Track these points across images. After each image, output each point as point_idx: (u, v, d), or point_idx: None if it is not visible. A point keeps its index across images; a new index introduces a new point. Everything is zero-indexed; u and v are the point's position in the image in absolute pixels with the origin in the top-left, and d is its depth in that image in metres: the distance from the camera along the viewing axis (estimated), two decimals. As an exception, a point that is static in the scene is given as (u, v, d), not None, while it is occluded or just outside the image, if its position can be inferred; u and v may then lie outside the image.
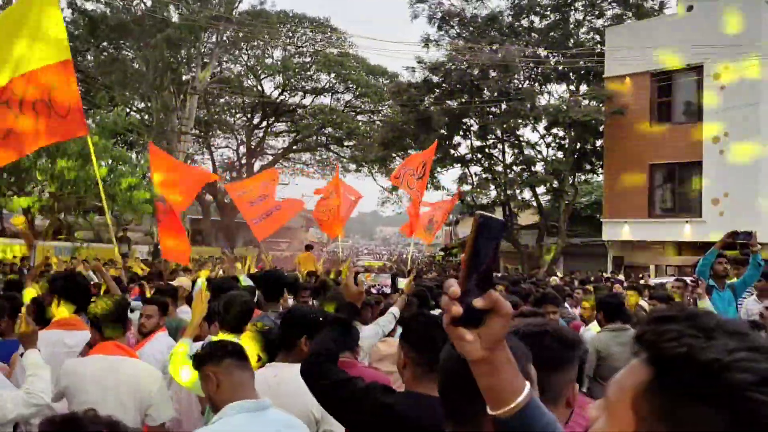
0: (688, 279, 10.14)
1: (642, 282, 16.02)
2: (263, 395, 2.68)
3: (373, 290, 9.36)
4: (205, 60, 32.97)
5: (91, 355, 3.49)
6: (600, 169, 28.58)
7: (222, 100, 41.44)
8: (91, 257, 18.39)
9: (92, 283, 8.16)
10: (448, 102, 28.56)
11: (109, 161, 18.83)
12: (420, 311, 3.15)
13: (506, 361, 1.09)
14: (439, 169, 29.39)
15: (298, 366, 2.69)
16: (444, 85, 28.82)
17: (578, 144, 27.34)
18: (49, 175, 16.84)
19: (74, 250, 18.28)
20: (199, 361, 2.70)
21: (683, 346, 0.79)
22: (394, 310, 5.08)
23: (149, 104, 32.68)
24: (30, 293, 5.43)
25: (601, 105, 25.49)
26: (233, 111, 42.35)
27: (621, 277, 20.37)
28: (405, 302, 5.26)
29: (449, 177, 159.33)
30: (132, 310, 4.38)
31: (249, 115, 42.81)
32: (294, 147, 44.01)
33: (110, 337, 3.51)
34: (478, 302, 1.05)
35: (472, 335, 1.05)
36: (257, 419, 2.49)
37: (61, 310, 4.20)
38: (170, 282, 8.28)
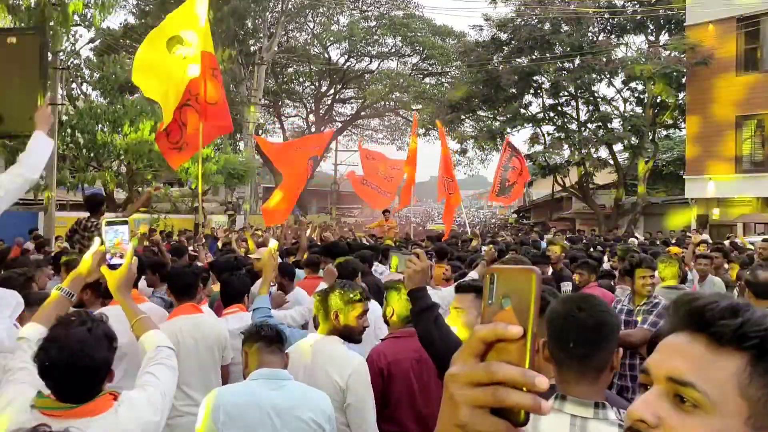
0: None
1: (728, 242, 15.14)
2: (299, 365, 3.02)
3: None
4: (271, 30, 33.06)
5: (175, 316, 4.00)
6: (682, 123, 27.13)
7: (290, 70, 41.62)
8: (168, 228, 18.95)
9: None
10: (518, 60, 27.62)
11: (181, 134, 19.17)
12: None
13: None
14: (509, 129, 28.58)
15: (331, 338, 3.20)
16: (513, 42, 27.86)
17: (658, 98, 25.96)
18: (123, 149, 17.32)
19: (152, 222, 18.84)
20: (242, 339, 2.93)
21: None
22: (473, 274, 5.28)
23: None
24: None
25: (683, 55, 24.04)
26: (301, 80, 42.48)
27: (706, 236, 19.38)
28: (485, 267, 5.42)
29: (520, 137, 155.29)
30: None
31: (317, 83, 42.88)
32: (362, 113, 43.88)
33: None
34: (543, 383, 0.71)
35: None
36: (270, 385, 2.67)
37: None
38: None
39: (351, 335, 3.24)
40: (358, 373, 3.06)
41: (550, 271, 7.10)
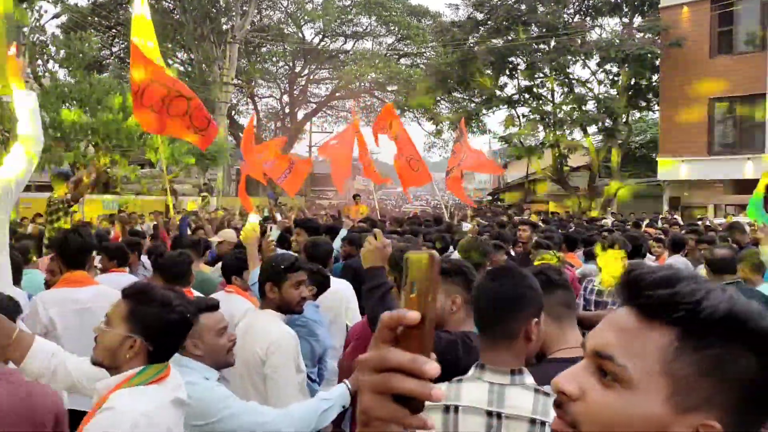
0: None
1: (700, 223, 15.27)
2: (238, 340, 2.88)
3: None
4: (244, 8, 32.43)
5: None
6: (655, 105, 27.28)
7: (264, 49, 40.97)
8: (138, 210, 18.56)
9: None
10: (494, 40, 27.47)
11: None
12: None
13: None
14: (484, 111, 28.48)
15: (264, 312, 3.23)
16: (489, 22, 27.69)
17: (632, 80, 26.03)
18: (90, 129, 16.85)
19: (122, 203, 18.45)
20: None
21: (713, 302, 0.79)
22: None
23: (191, 55, 32.52)
24: None
25: (657, 37, 24.09)
26: (275, 60, 41.86)
27: (677, 217, 19.56)
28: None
29: (495, 119, 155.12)
30: None
31: (291, 64, 42.31)
32: (337, 94, 43.44)
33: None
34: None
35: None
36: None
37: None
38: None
39: (289, 307, 3.22)
40: (278, 344, 3.05)
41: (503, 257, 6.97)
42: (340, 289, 4.73)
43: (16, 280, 4.25)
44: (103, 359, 2.10)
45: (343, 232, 7.53)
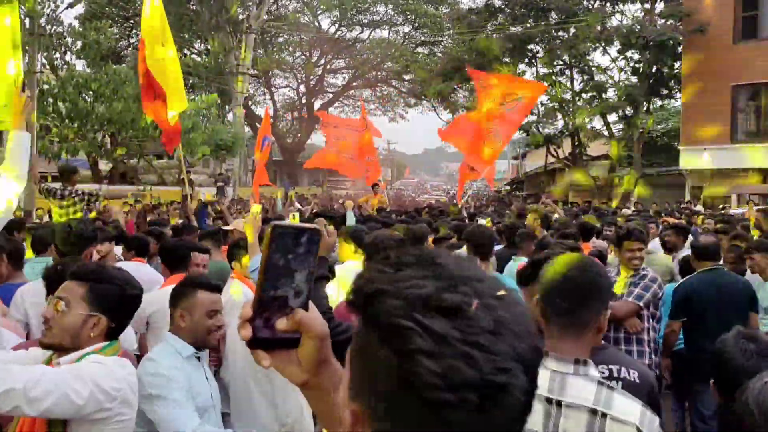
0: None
1: (723, 213, 14.95)
2: None
3: None
4: (260, -3, 32.28)
5: (165, 286, 4.10)
6: (677, 93, 26.76)
7: (280, 39, 40.86)
8: (155, 200, 18.57)
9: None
10: (512, 28, 27.09)
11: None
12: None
13: (339, 381, 0.92)
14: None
15: None
16: (506, 9, 27.29)
17: (654, 67, 25.53)
18: (106, 119, 16.87)
19: (138, 194, 18.49)
20: None
21: (372, 283, 0.76)
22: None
23: (207, 45, 32.48)
24: None
25: (679, 23, 23.59)
26: (291, 49, 41.73)
27: (700, 207, 19.18)
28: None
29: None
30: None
31: (307, 53, 42.16)
32: (354, 84, 43.25)
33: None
34: (280, 324, 0.94)
35: (269, 360, 0.96)
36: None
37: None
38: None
39: None
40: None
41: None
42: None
43: (20, 269, 4.23)
44: (61, 341, 2.12)
45: (350, 217, 7.43)
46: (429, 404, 0.68)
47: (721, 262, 5.22)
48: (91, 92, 18.22)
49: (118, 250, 6.24)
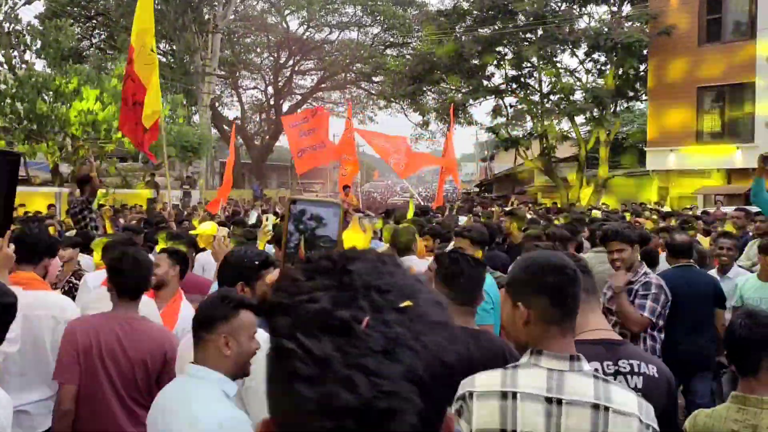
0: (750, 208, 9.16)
1: (690, 213, 15.05)
2: None
3: None
4: (226, -3, 31.83)
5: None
6: (643, 95, 27.05)
7: (248, 40, 40.37)
8: (117, 203, 18.07)
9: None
10: (480, 30, 27.09)
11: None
12: (453, 249, 3.10)
13: None
14: (471, 101, 28.10)
15: None
16: (475, 11, 27.29)
17: (620, 69, 25.77)
18: (66, 120, 16.32)
19: (100, 197, 17.94)
20: None
21: (276, 294, 0.72)
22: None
23: (172, 45, 31.91)
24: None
25: (645, 26, 23.84)
26: (259, 50, 41.25)
27: (667, 208, 19.34)
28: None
29: (482, 109, 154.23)
30: None
31: (275, 54, 41.73)
32: (322, 85, 42.93)
33: None
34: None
35: None
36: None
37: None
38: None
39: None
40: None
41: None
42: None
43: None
44: None
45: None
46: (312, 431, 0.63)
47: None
48: (51, 93, 17.66)
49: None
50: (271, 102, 42.89)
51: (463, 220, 8.20)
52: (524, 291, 1.94)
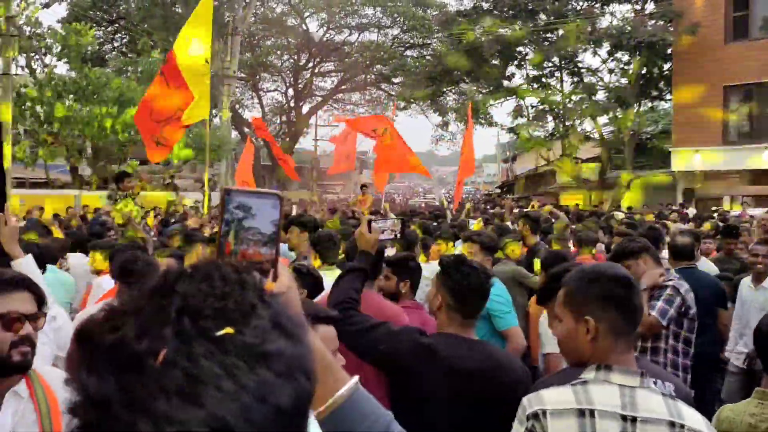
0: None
1: (716, 215, 14.65)
2: None
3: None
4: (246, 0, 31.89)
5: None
6: (667, 94, 26.54)
7: (268, 42, 40.42)
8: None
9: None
10: (501, 30, 26.79)
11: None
12: (461, 259, 2.86)
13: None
14: (491, 102, 27.81)
15: None
16: (495, 11, 27.00)
17: (644, 69, 25.31)
18: (85, 122, 16.36)
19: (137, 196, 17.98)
20: None
21: (90, 320, 0.64)
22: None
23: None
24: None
25: (669, 24, 23.37)
26: (279, 52, 41.28)
27: (691, 210, 18.92)
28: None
29: (503, 110, 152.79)
30: None
31: (295, 56, 41.73)
32: (343, 87, 42.85)
33: None
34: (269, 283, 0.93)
35: None
36: None
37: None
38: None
39: None
40: None
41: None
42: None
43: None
44: None
45: None
46: None
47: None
48: (70, 96, 17.75)
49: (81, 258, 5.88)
50: (292, 104, 42.90)
51: (473, 223, 7.98)
52: (591, 304, 1.91)
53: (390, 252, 3.91)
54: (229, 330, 0.54)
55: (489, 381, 2.41)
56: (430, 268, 4.78)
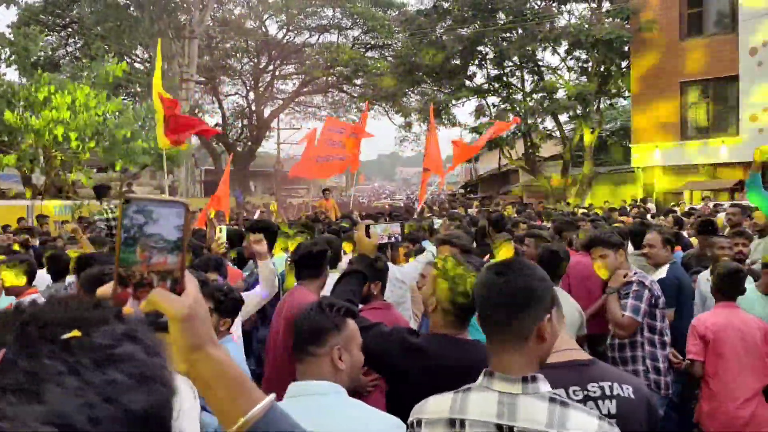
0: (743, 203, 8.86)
1: (678, 209, 14.80)
2: None
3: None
4: (203, 2, 31.38)
5: None
6: (626, 92, 26.88)
7: (227, 45, 39.87)
8: (92, 215, 17.52)
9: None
10: (461, 30, 26.81)
11: (102, 113, 17.67)
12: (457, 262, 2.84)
13: (218, 375, 0.96)
14: (454, 102, 27.80)
15: None
16: (455, 10, 27.01)
17: (602, 66, 25.58)
18: (36, 130, 15.77)
19: (75, 208, 17.39)
20: None
21: None
22: (433, 249, 5.26)
23: (148, 52, 31.40)
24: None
25: (626, 22, 23.65)
26: (238, 55, 40.76)
27: (651, 205, 19.12)
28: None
29: (465, 110, 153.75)
30: None
31: (255, 59, 41.26)
32: (304, 89, 42.51)
33: None
34: (127, 308, 0.85)
35: None
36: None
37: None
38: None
39: None
40: None
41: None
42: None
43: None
44: None
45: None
46: None
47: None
48: (21, 102, 17.12)
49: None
50: (253, 107, 42.40)
51: (438, 222, 7.88)
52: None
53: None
54: (76, 333, 0.54)
55: None
56: (401, 271, 4.83)
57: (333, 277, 4.24)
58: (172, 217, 0.92)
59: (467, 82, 28.40)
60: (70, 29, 33.54)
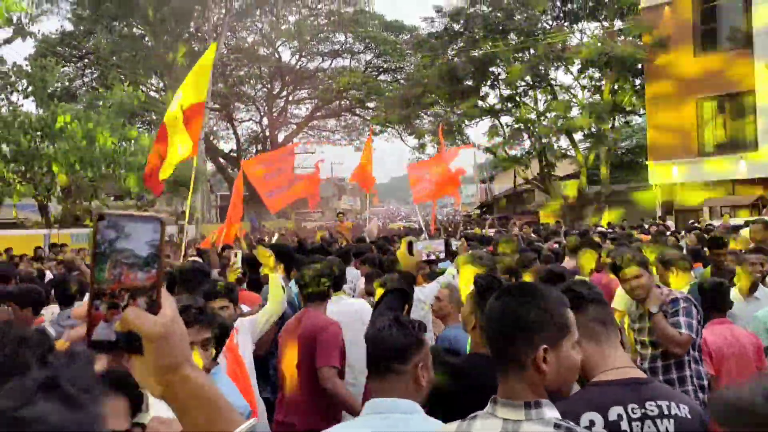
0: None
1: (698, 225, 14.57)
2: None
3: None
4: (217, 30, 31.77)
5: None
6: (641, 109, 26.71)
7: (241, 72, 40.27)
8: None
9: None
10: (472, 51, 26.86)
11: (117, 141, 17.81)
12: (496, 279, 2.89)
13: (195, 396, 0.92)
14: (467, 122, 27.77)
15: None
16: (466, 32, 27.09)
17: (616, 84, 25.47)
18: (52, 159, 15.91)
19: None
20: None
21: None
22: (453, 271, 5.20)
23: (163, 81, 31.76)
24: None
25: (639, 39, 23.56)
26: (252, 82, 41.14)
27: (670, 222, 18.88)
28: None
29: (478, 130, 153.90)
30: None
31: (268, 85, 41.61)
32: (317, 114, 42.74)
33: None
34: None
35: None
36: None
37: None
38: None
39: None
40: None
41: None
42: (358, 308, 4.49)
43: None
44: None
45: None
46: None
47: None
48: (37, 133, 17.32)
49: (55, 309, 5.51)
50: (267, 133, 42.65)
51: (456, 243, 7.80)
52: None
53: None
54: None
55: None
56: (423, 291, 4.80)
57: (335, 299, 4.32)
58: (147, 232, 0.89)
59: (480, 103, 28.39)
60: (86, 60, 34.06)
